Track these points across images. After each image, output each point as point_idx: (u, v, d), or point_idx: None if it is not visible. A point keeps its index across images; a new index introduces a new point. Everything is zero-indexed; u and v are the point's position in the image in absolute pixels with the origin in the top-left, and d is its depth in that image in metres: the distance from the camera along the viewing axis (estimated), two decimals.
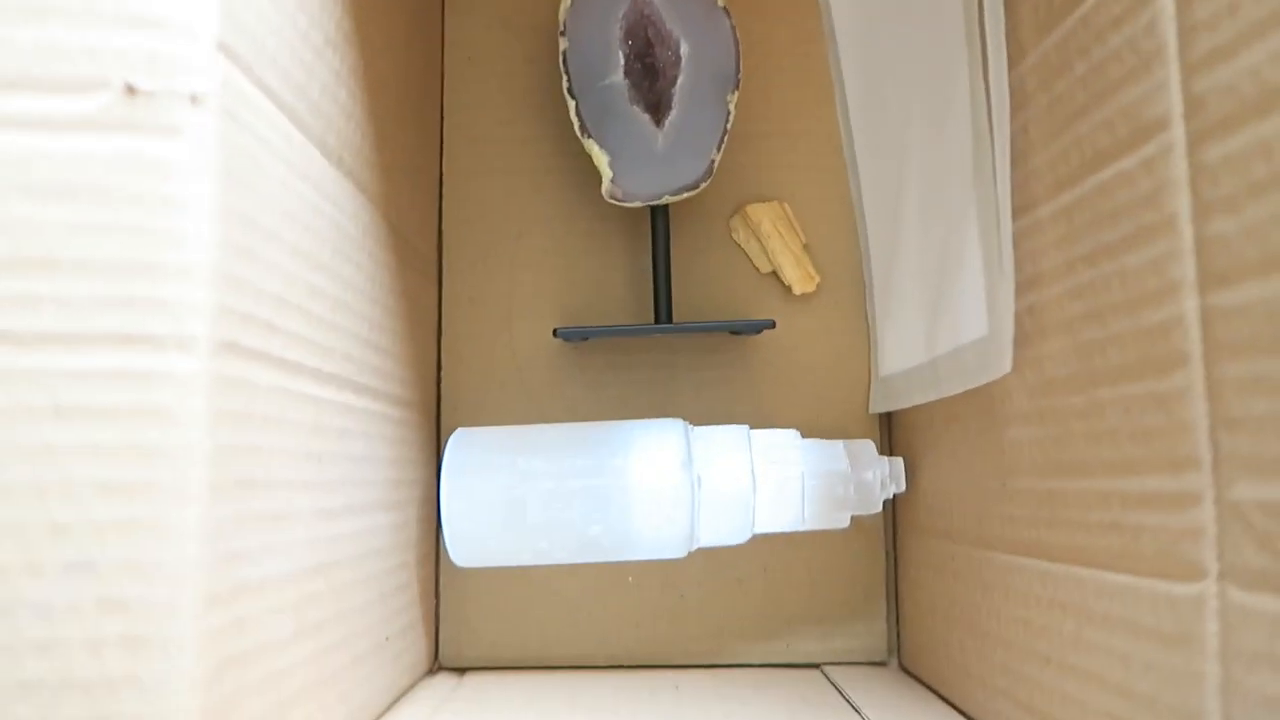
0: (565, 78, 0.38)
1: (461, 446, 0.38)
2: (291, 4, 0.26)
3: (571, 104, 0.38)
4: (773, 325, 0.39)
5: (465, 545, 0.37)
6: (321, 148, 0.28)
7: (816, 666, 0.41)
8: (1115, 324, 0.24)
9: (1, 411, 0.19)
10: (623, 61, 0.38)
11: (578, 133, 0.38)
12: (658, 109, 0.38)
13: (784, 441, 0.38)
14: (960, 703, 0.34)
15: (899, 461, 0.39)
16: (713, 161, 0.38)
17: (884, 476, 0.38)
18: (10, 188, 0.19)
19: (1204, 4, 0.20)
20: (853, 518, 0.39)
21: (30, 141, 0.20)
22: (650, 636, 0.41)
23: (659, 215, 0.40)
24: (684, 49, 0.38)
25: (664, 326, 0.38)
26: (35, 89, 0.20)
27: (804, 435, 0.38)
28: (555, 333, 0.38)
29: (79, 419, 0.19)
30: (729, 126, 0.38)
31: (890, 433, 0.43)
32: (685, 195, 0.38)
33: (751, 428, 0.38)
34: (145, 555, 0.19)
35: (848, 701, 0.36)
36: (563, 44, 0.38)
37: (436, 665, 0.41)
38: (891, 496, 0.39)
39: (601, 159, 0.38)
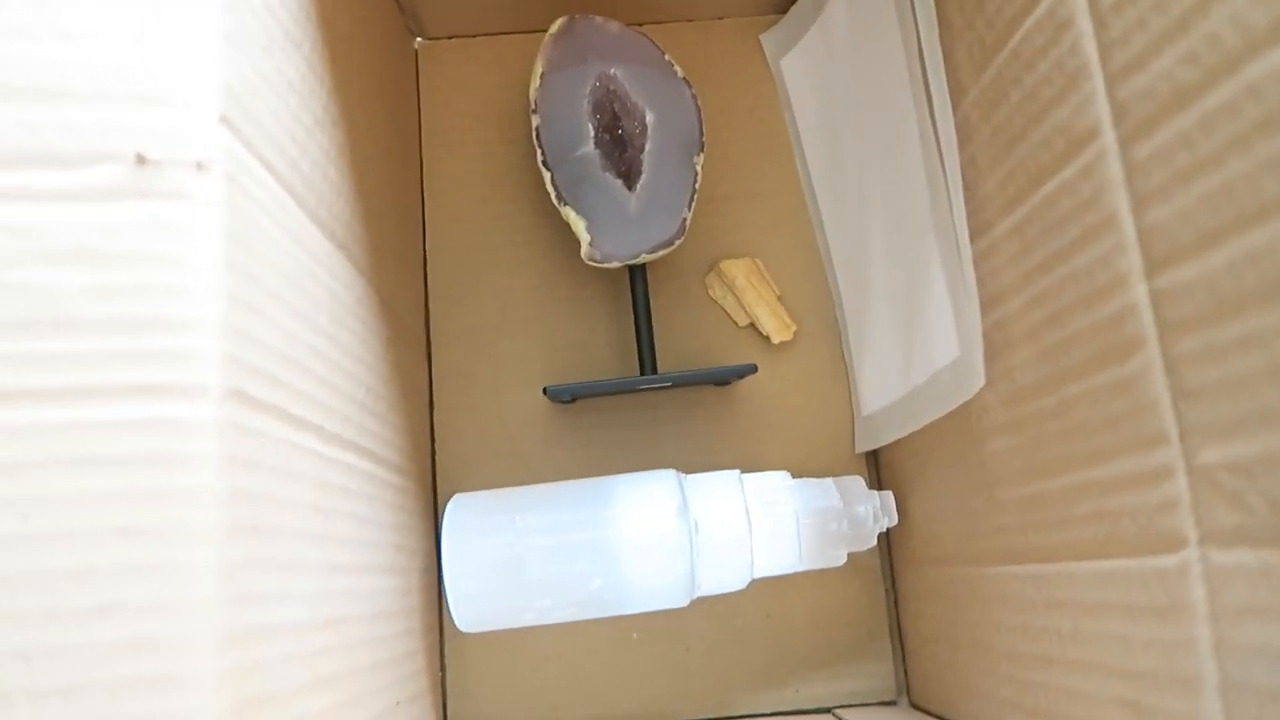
0: (540, 151, 0.40)
1: (459, 510, 0.38)
2: (284, 86, 0.27)
3: (547, 175, 0.40)
4: (754, 369, 0.40)
5: (469, 609, 0.37)
6: (315, 219, 0.29)
7: (828, 711, 0.41)
8: (1074, 323, 0.25)
9: (23, 464, 0.20)
10: (593, 133, 0.40)
11: (554, 202, 0.40)
12: (629, 175, 0.40)
13: (775, 483, 0.39)
14: None
15: (889, 495, 0.39)
16: (685, 219, 0.40)
17: (875, 510, 0.39)
18: (27, 254, 0.21)
19: (1117, 22, 0.23)
20: (849, 555, 0.39)
21: (47, 211, 0.21)
22: (658, 693, 0.41)
23: (637, 275, 0.41)
24: (649, 118, 0.40)
25: (648, 378, 0.39)
26: (52, 164, 0.21)
27: (793, 477, 0.39)
28: (545, 391, 0.39)
29: (98, 468, 0.20)
30: (697, 186, 0.40)
31: (878, 469, 0.44)
32: (661, 253, 0.40)
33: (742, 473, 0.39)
34: (167, 594, 0.20)
35: None
36: (535, 121, 0.40)
37: None
38: (885, 530, 0.39)
39: (579, 224, 0.39)
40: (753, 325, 0.44)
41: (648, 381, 0.39)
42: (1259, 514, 0.19)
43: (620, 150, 0.41)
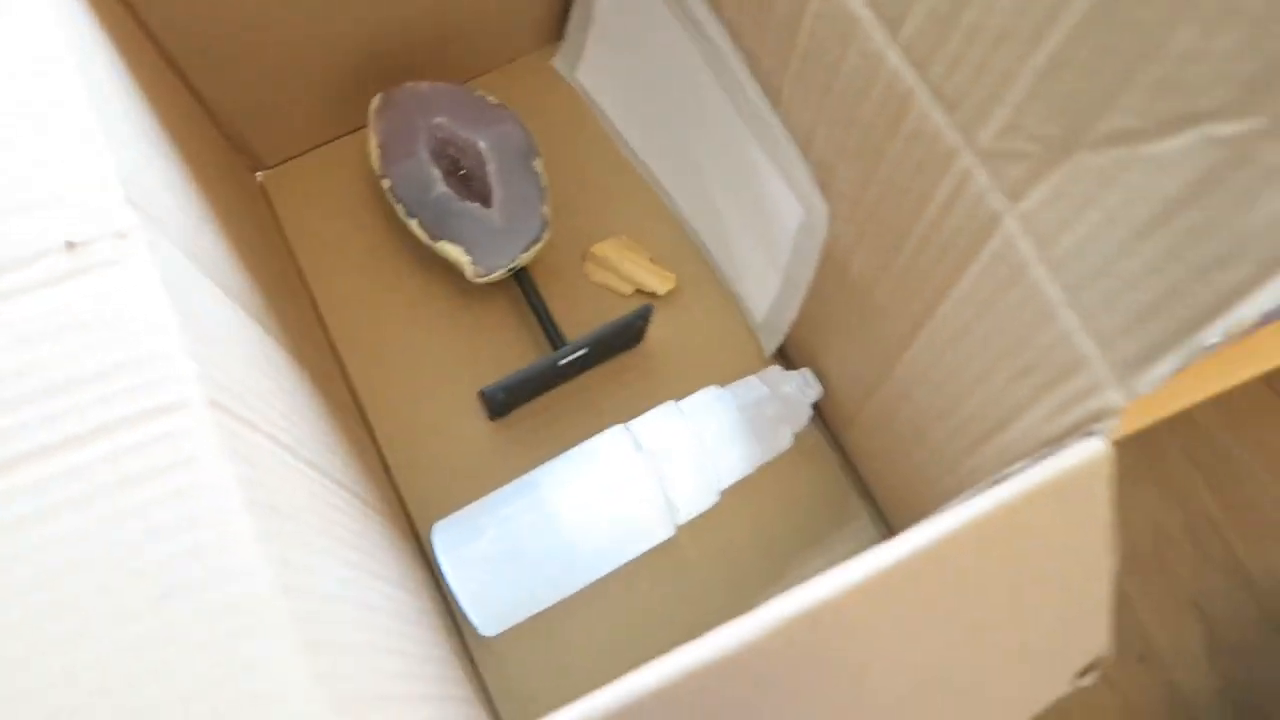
0: (400, 205, 0.44)
1: (445, 530, 0.41)
2: (163, 186, 0.31)
3: (413, 222, 0.44)
4: (651, 309, 0.44)
5: (486, 610, 0.40)
6: (228, 293, 0.33)
7: None
8: (860, 116, 0.31)
9: (74, 499, 0.22)
10: (440, 175, 0.45)
11: (429, 242, 0.44)
12: (484, 197, 0.45)
13: (708, 396, 0.43)
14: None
15: (806, 370, 0.44)
16: (544, 214, 0.45)
17: (801, 385, 0.43)
18: (7, 344, 0.24)
19: None
20: (794, 436, 0.44)
21: (10, 308, 0.24)
22: (689, 619, 0.44)
23: (523, 276, 0.46)
24: (482, 145, 0.46)
25: (564, 350, 0.43)
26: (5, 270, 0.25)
27: None
28: (481, 395, 0.43)
29: (129, 485, 0.23)
30: (544, 185, 0.45)
31: (788, 362, 0.48)
32: (535, 250, 0.44)
33: None
34: (223, 563, 0.23)
35: None
36: (385, 184, 0.45)
37: None
38: (815, 402, 0.44)
39: (455, 251, 0.44)
40: (638, 291, 0.49)
41: (565, 353, 0.43)
42: (1032, 152, 0.24)
43: (468, 182, 0.45)
